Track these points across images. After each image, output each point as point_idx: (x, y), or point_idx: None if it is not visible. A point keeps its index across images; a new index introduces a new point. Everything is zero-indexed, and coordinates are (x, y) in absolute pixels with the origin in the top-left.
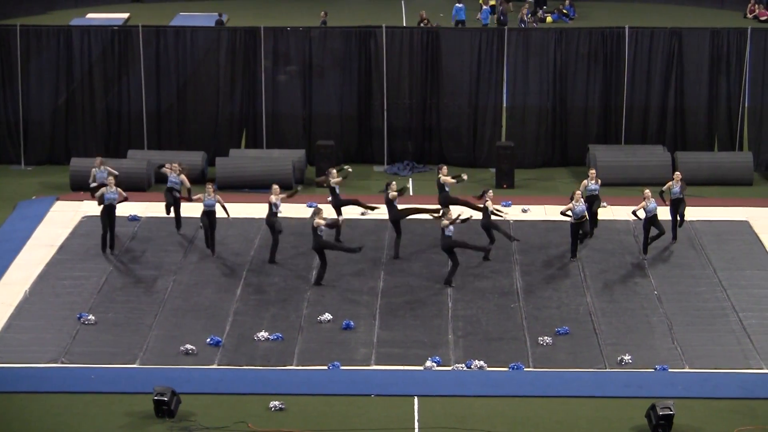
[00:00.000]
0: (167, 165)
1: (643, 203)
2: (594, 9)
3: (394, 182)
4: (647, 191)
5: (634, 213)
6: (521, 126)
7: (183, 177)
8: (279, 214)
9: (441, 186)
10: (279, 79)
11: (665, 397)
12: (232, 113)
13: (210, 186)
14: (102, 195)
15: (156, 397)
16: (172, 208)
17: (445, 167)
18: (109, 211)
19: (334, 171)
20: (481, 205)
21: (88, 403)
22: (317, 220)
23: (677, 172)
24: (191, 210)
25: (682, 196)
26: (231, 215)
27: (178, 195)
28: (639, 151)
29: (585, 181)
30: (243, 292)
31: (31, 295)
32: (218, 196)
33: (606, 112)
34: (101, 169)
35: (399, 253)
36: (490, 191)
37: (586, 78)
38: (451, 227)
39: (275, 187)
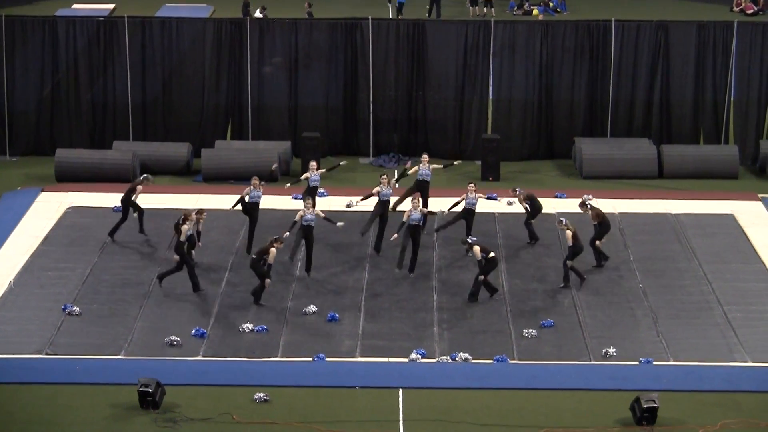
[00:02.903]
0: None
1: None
2: (580, 2)
3: (384, 175)
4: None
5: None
6: (507, 119)
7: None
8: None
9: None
10: (265, 71)
11: (650, 389)
12: (217, 104)
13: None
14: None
15: (141, 389)
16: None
17: (425, 155)
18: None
19: (314, 163)
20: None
21: (72, 395)
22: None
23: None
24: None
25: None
26: (226, 207)
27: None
28: (625, 144)
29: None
30: (228, 283)
31: (16, 286)
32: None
33: (592, 105)
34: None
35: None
36: (472, 184)
37: (572, 71)
38: (413, 214)
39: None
